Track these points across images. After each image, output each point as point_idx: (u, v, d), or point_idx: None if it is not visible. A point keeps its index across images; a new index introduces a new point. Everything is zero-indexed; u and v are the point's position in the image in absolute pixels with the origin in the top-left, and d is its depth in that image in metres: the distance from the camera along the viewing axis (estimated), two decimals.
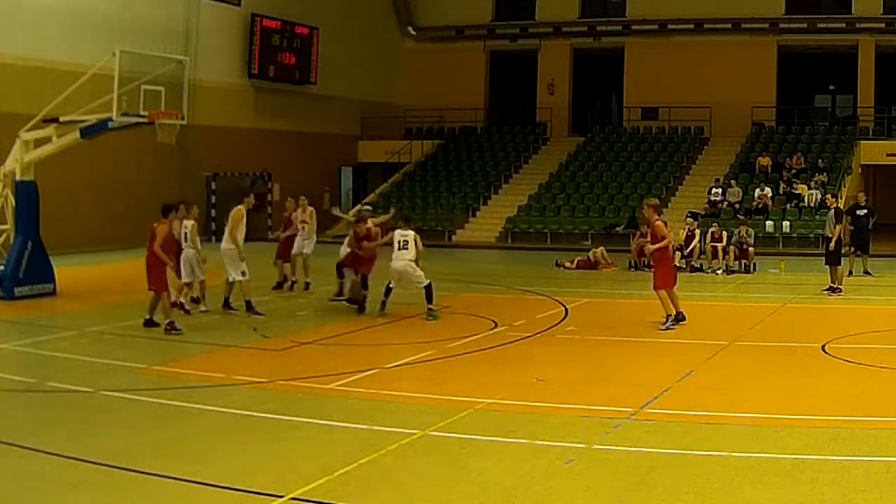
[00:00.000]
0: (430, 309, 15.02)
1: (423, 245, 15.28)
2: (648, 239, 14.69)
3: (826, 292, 18.10)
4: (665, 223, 14.89)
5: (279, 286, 18.39)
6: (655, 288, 14.37)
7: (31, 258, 17.11)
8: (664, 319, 14.12)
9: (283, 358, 12.16)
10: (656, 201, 15.18)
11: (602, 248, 23.88)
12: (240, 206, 15.71)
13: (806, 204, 28.91)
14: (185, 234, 15.27)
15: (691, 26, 35.76)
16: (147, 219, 15.53)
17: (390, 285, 15.15)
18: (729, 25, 35.28)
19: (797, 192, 29.44)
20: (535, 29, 38.39)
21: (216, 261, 16.14)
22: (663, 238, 14.24)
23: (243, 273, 15.32)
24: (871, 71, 34.70)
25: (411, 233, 15.08)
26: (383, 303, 15.16)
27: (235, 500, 6.86)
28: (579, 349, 12.85)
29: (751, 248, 22.65)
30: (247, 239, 15.72)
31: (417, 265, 15.03)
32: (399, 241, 15.00)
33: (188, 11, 29.44)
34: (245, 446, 8.24)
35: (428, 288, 15.03)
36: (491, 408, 9.37)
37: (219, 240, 16.92)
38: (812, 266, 21.29)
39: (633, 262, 22.89)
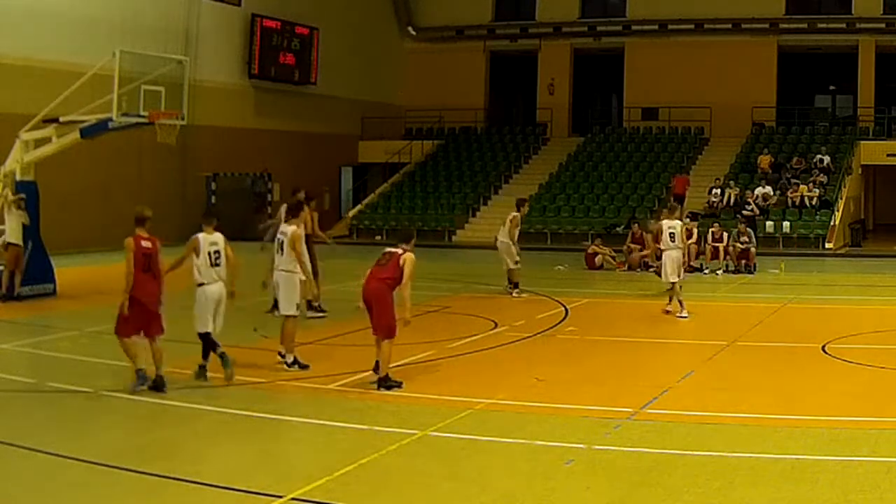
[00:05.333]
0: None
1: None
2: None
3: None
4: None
5: None
6: None
7: (31, 258, 17.09)
8: None
9: None
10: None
11: (609, 248, 23.91)
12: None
13: (807, 204, 28.87)
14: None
15: (691, 26, 35.73)
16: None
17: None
18: (729, 25, 35.25)
19: (797, 192, 29.40)
20: (535, 29, 38.37)
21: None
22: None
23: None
24: (871, 71, 34.67)
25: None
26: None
27: (235, 500, 6.86)
28: (579, 349, 12.85)
29: (752, 249, 22.61)
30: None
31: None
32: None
33: (188, 11, 29.43)
34: (245, 446, 8.24)
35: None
36: (491, 408, 9.37)
37: None
38: (812, 266, 21.28)
39: (629, 265, 22.93)
